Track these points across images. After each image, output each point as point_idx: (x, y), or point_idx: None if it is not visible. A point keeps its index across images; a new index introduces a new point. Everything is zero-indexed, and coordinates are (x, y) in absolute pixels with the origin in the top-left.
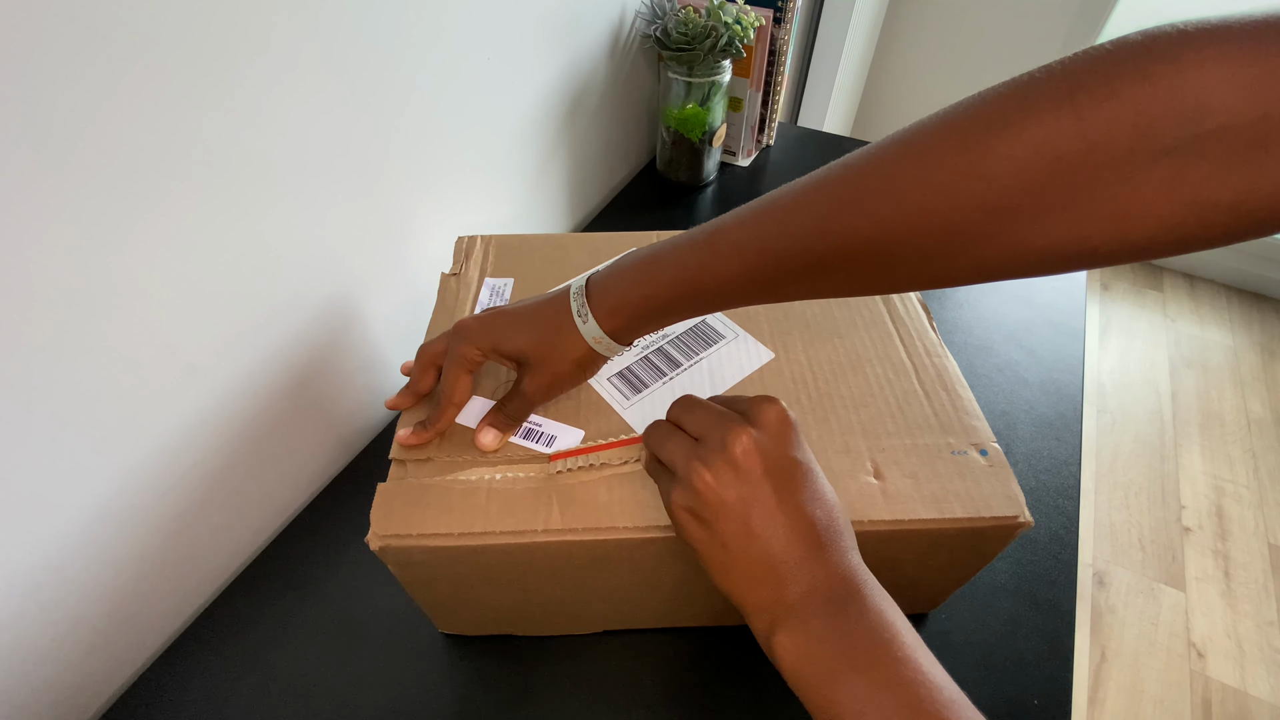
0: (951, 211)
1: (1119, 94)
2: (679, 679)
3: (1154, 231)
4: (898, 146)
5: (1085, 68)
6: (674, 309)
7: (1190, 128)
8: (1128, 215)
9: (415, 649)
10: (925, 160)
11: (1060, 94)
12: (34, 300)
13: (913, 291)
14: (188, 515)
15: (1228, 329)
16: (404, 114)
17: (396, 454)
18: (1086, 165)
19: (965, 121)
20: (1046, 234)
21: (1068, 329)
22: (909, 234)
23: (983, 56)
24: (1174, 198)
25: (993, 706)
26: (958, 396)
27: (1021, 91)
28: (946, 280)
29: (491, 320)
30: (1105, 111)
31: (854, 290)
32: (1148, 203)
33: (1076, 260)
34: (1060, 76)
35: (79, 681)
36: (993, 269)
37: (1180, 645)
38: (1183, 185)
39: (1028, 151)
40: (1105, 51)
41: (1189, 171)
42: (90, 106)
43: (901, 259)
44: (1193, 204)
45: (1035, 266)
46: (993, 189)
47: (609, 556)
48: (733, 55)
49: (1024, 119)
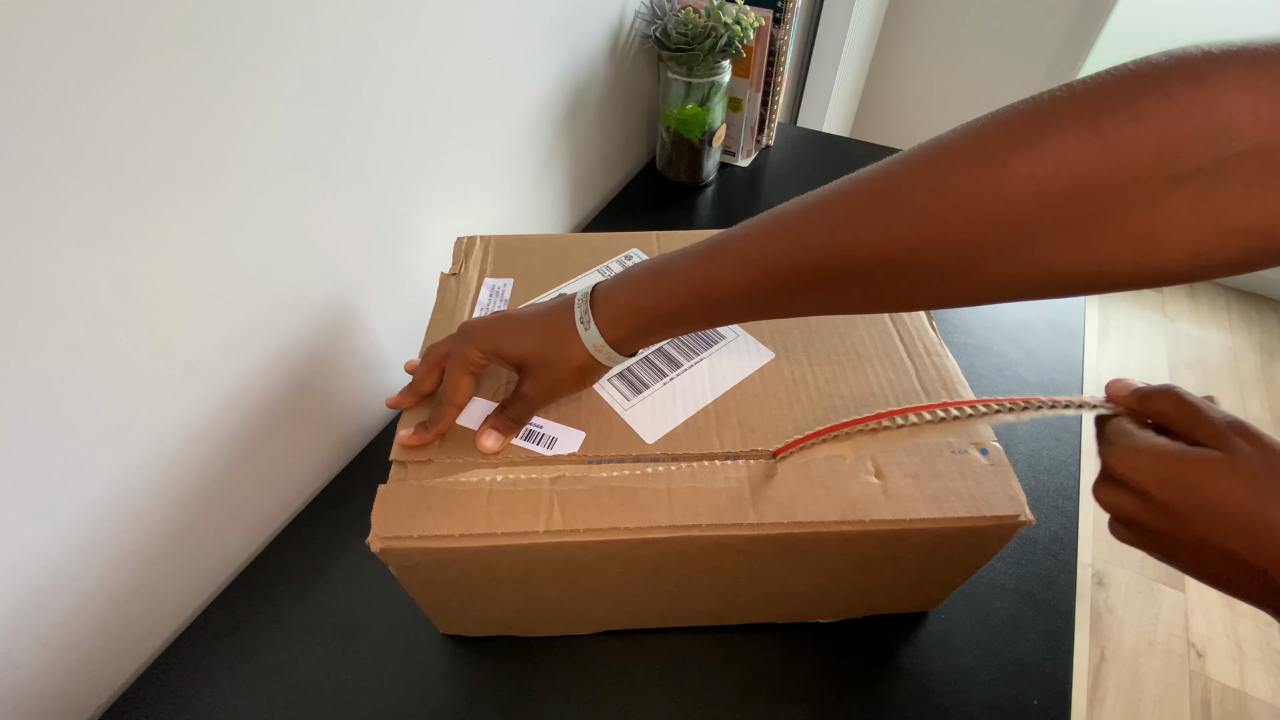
0: (968, 228)
1: (1142, 115)
2: (679, 679)
3: (1175, 255)
4: (914, 161)
5: (1109, 87)
6: (678, 320)
7: (1215, 151)
8: (1148, 238)
9: (416, 649)
10: (942, 175)
11: (1082, 113)
12: (33, 300)
13: (911, 314)
14: (187, 515)
15: (1227, 329)
16: (404, 114)
17: (397, 455)
18: (1107, 186)
19: (985, 138)
20: (1064, 254)
21: (1067, 329)
22: (923, 250)
23: (982, 57)
24: (1197, 222)
25: (993, 706)
26: (958, 396)
27: (1043, 109)
28: (959, 299)
29: (495, 323)
30: (1128, 132)
31: (864, 307)
32: (1169, 226)
33: (1095, 283)
34: (1083, 95)
35: (78, 681)
36: (1008, 288)
37: (1180, 645)
38: (1206, 209)
39: (1047, 170)
40: (1129, 71)
41: (1213, 195)
42: (89, 107)
43: (914, 275)
44: (1216, 228)
45: (1052, 287)
46: (1011, 207)
47: (609, 557)
48: (732, 56)
49: (1045, 137)
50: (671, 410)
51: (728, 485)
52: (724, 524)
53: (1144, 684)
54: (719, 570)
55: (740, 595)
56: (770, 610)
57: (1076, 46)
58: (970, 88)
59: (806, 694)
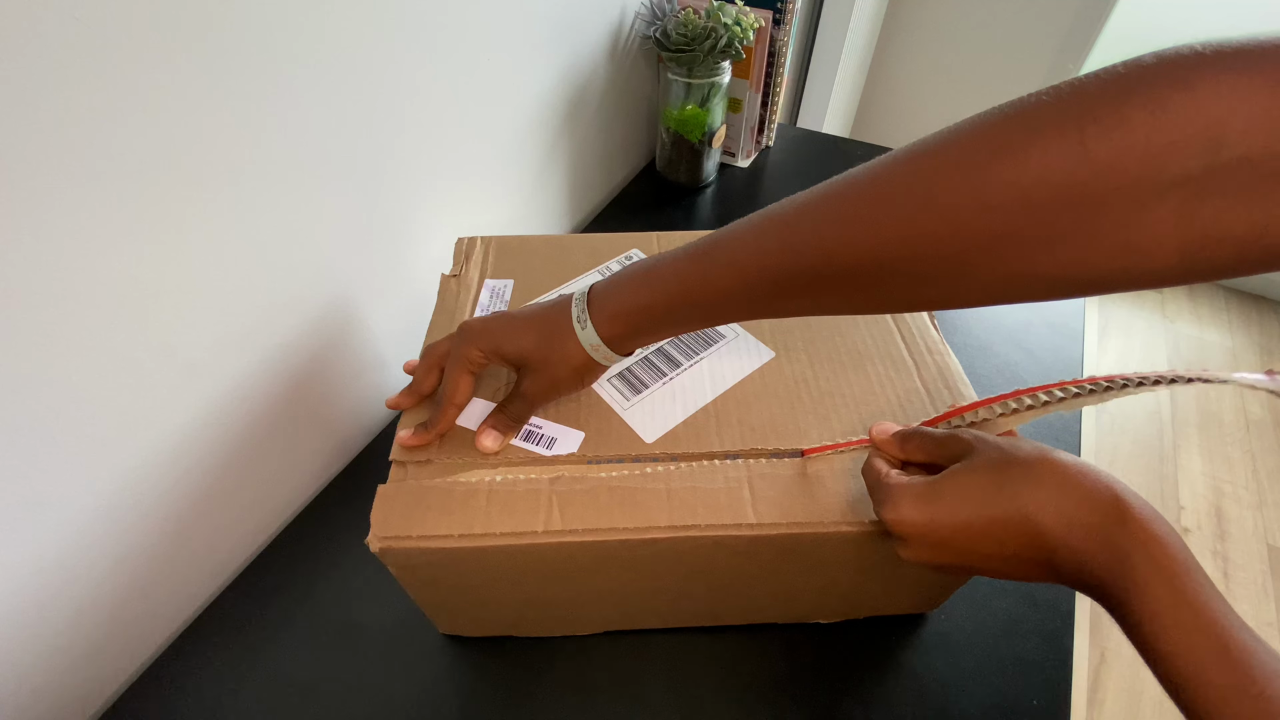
0: (952, 235)
1: (1128, 121)
2: (679, 680)
3: (1163, 263)
4: (900, 164)
5: (1094, 91)
6: (671, 320)
7: (1204, 158)
8: (1136, 246)
9: (415, 649)
10: (927, 181)
11: (1067, 119)
12: (34, 300)
13: (911, 313)
14: (188, 515)
15: (1226, 330)
16: (404, 114)
17: (397, 455)
18: (1093, 194)
19: (969, 143)
20: (1050, 261)
21: (1066, 329)
22: (909, 255)
23: (982, 57)
24: (1184, 230)
25: (992, 706)
26: (960, 395)
27: (1027, 114)
28: (946, 302)
29: (495, 322)
30: (1113, 139)
31: (852, 309)
32: (1157, 234)
33: (1082, 288)
34: (1068, 100)
35: (79, 681)
36: (994, 293)
37: None
38: (1194, 218)
39: (1031, 178)
40: (1117, 74)
41: (1202, 204)
42: (91, 108)
43: (900, 280)
44: (1204, 237)
45: (1039, 292)
46: (995, 215)
47: (609, 558)
48: (732, 56)
49: (1028, 144)
50: (671, 410)
51: (727, 485)
52: (724, 524)
53: (1144, 684)
54: (719, 571)
55: (740, 596)
56: (770, 611)
57: (1076, 47)
58: (970, 88)
59: (806, 694)
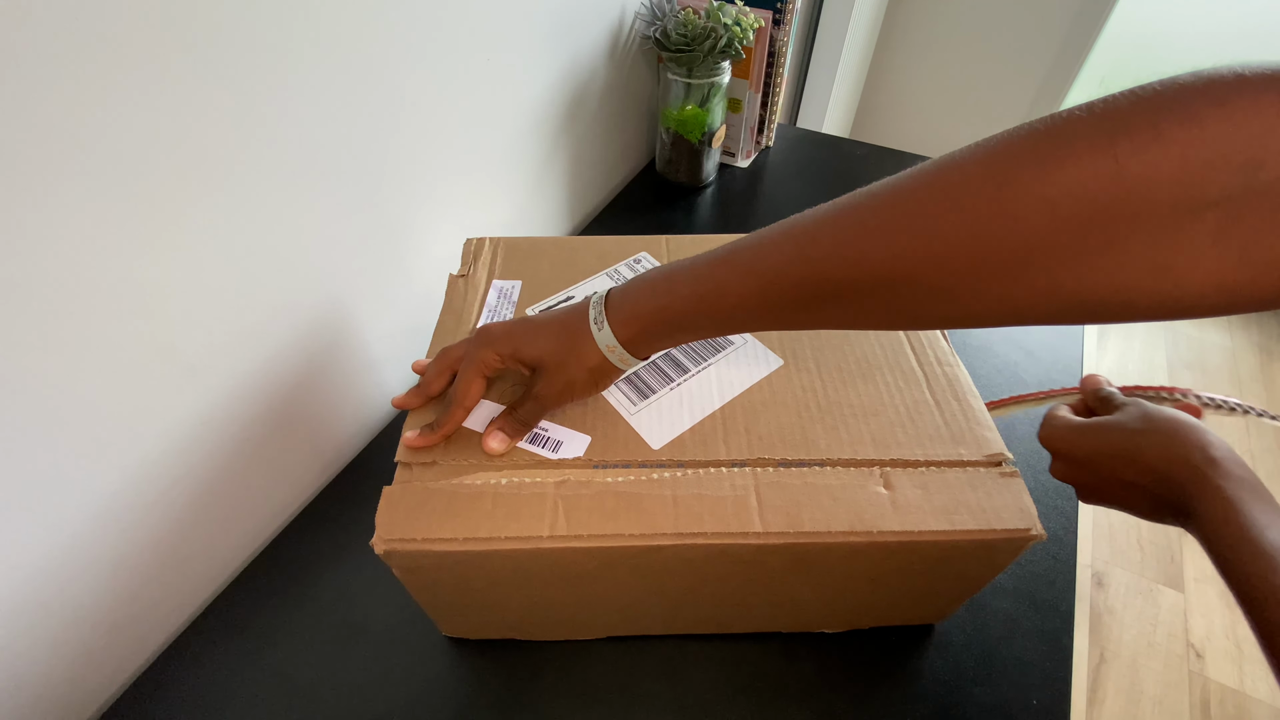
0: (975, 248)
1: (1163, 136)
2: (681, 685)
3: (1200, 287)
4: (925, 177)
5: (1128, 107)
6: (688, 325)
7: (1242, 179)
8: (1169, 267)
9: (418, 651)
10: (952, 193)
11: (1099, 134)
12: (36, 301)
13: (932, 330)
14: (189, 515)
15: (1226, 330)
16: (405, 115)
17: (402, 456)
18: (1124, 210)
19: (997, 156)
20: (1076, 280)
21: (1066, 330)
22: (929, 268)
23: (981, 58)
24: (1221, 252)
25: (992, 706)
26: (969, 406)
27: (1058, 128)
28: (966, 320)
29: (516, 326)
30: (1147, 154)
31: (870, 323)
32: (1192, 255)
33: (1112, 311)
34: (1102, 115)
35: (79, 681)
36: (1017, 312)
37: (1179, 646)
38: (1231, 239)
39: (1059, 193)
40: (1152, 91)
41: (1239, 225)
42: (94, 110)
43: (919, 294)
44: (1242, 259)
45: (1063, 314)
46: (1021, 226)
47: (613, 564)
48: (732, 57)
49: (1059, 158)
50: (678, 416)
51: (734, 493)
52: (729, 532)
53: (1143, 684)
54: (724, 579)
55: (745, 604)
56: (775, 620)
57: (1076, 48)
58: (969, 89)
59: (806, 694)
